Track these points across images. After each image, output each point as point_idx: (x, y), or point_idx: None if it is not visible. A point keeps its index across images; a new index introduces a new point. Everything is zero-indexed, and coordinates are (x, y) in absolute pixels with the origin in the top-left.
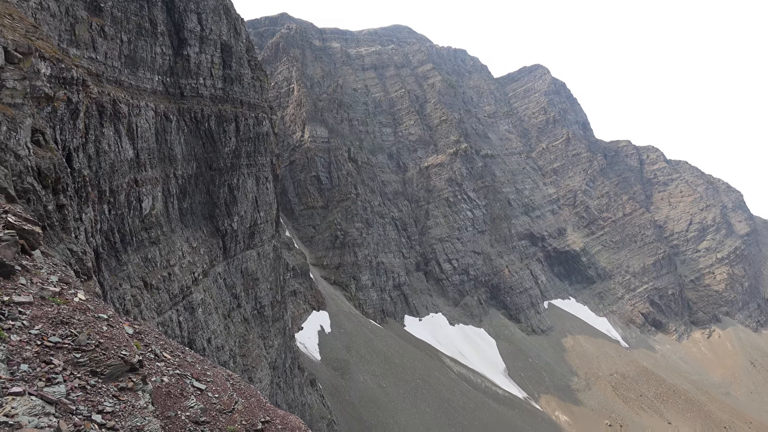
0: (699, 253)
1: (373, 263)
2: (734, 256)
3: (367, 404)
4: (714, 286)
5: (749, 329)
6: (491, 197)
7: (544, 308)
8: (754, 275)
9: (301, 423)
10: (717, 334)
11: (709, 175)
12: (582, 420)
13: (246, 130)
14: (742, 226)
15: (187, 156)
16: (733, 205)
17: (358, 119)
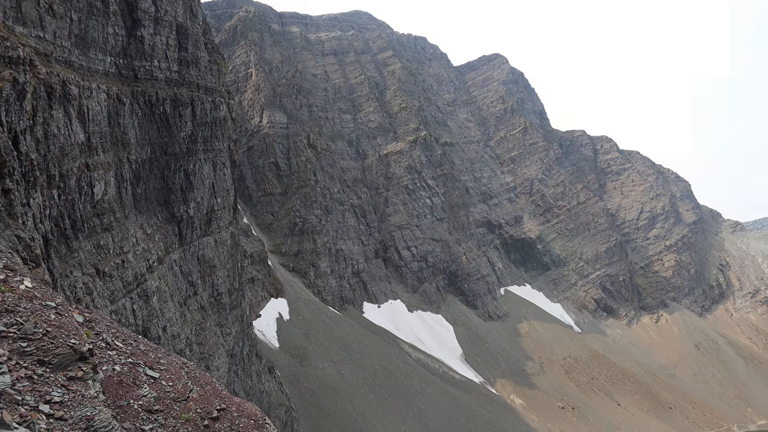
0: (649, 240)
1: (332, 250)
2: (682, 244)
3: (325, 391)
4: (662, 273)
5: (695, 314)
6: (450, 185)
7: (501, 295)
8: (699, 262)
9: (258, 410)
10: (664, 319)
11: (660, 165)
12: (536, 403)
13: (203, 115)
14: (689, 215)
15: (141, 140)
16: (681, 195)
17: (317, 105)
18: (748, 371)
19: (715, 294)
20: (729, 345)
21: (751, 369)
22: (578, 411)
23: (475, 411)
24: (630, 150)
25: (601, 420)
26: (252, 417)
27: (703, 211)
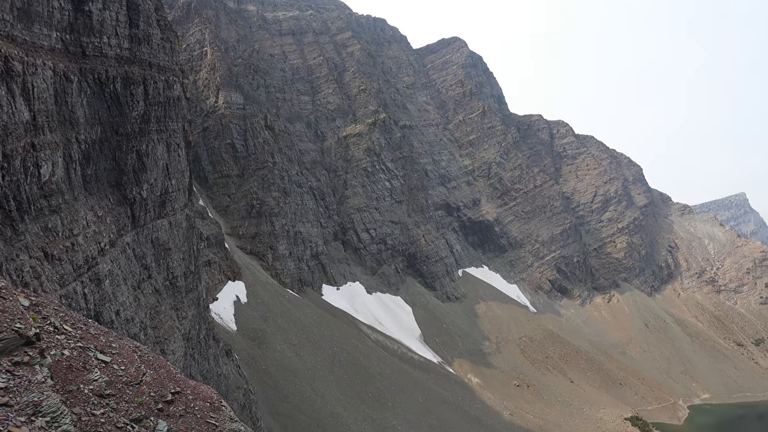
0: (602, 223)
1: (290, 233)
2: (633, 226)
3: (284, 373)
4: (615, 254)
5: (644, 294)
6: (409, 168)
7: (459, 276)
8: (650, 244)
9: (214, 392)
10: (616, 299)
11: (613, 150)
12: (492, 381)
13: (155, 94)
14: (640, 198)
15: (91, 120)
16: (634, 179)
17: (275, 86)
18: (693, 348)
19: (664, 274)
20: (676, 323)
21: (697, 346)
22: (533, 388)
23: (433, 390)
24: (585, 134)
25: (555, 397)
26: (208, 400)
27: (653, 194)
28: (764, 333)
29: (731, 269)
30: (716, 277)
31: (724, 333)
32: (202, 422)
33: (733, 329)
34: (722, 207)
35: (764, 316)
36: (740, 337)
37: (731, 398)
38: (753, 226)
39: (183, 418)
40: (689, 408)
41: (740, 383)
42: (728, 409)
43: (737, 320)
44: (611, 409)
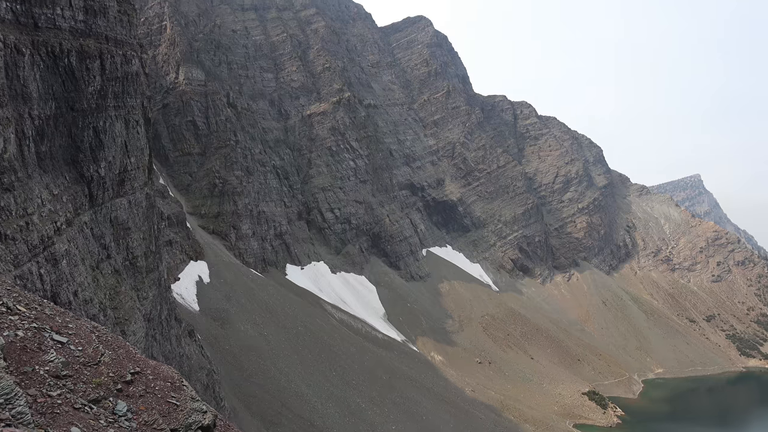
0: (563, 203)
1: (253, 212)
2: (593, 207)
3: (247, 353)
4: (575, 234)
5: (603, 272)
6: (373, 147)
7: (423, 256)
8: (609, 224)
9: (174, 372)
10: (575, 278)
11: (575, 131)
12: (455, 359)
13: (113, 69)
14: (600, 179)
15: (45, 95)
16: (594, 160)
17: (237, 63)
18: (648, 324)
19: (621, 254)
20: (633, 301)
21: (651, 322)
22: (494, 365)
23: (397, 368)
24: (548, 116)
25: (516, 373)
26: (168, 379)
27: (613, 175)
28: (715, 310)
29: (685, 248)
30: (671, 256)
31: (677, 310)
32: (162, 402)
33: (686, 306)
34: (678, 188)
35: (715, 294)
36: (693, 313)
37: (683, 372)
38: (707, 207)
39: (143, 399)
40: (643, 382)
41: (692, 358)
42: (680, 382)
43: (690, 298)
44: (569, 384)
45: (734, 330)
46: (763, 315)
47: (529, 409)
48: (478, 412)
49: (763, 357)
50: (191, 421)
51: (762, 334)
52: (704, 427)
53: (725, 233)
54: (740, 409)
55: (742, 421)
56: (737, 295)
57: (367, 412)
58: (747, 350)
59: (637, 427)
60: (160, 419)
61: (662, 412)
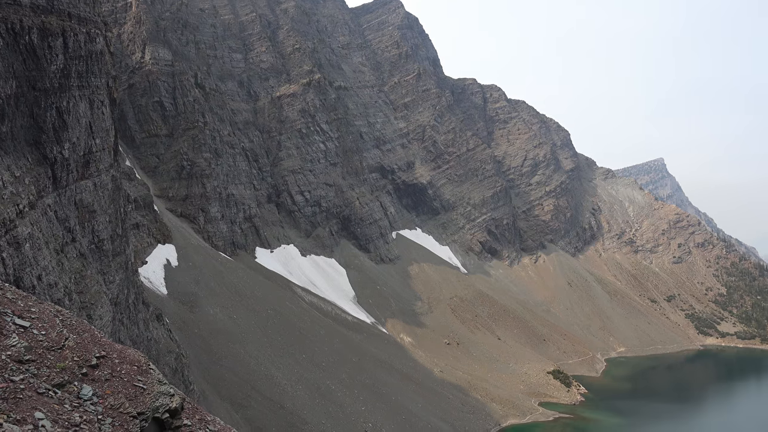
0: (531, 186)
1: (222, 195)
2: (560, 190)
3: (217, 336)
4: (542, 217)
5: (568, 254)
6: (344, 130)
7: (393, 238)
8: (575, 206)
9: (141, 356)
10: (542, 259)
11: (543, 115)
12: (424, 340)
13: (76, 47)
14: (567, 163)
15: (5, 73)
16: (562, 143)
17: (205, 42)
18: (611, 305)
19: (587, 236)
20: (597, 282)
21: (615, 303)
22: (462, 346)
23: (366, 350)
24: (517, 99)
25: (483, 353)
26: (135, 363)
27: (580, 159)
28: (675, 290)
29: (648, 230)
30: (634, 238)
31: (639, 290)
32: (129, 385)
33: (648, 287)
34: (642, 171)
35: (676, 274)
36: (654, 294)
37: (644, 351)
38: (669, 190)
39: (109, 382)
40: (606, 361)
41: (652, 337)
42: (641, 360)
43: (652, 278)
44: (535, 364)
45: (693, 309)
46: (721, 295)
47: (496, 388)
48: (447, 392)
49: (719, 335)
50: (158, 404)
51: (719, 313)
52: (663, 403)
53: (686, 216)
54: (697, 386)
55: (699, 397)
56: (697, 275)
57: (336, 393)
58: (705, 329)
59: (600, 404)
60: (127, 403)
61: (623, 389)
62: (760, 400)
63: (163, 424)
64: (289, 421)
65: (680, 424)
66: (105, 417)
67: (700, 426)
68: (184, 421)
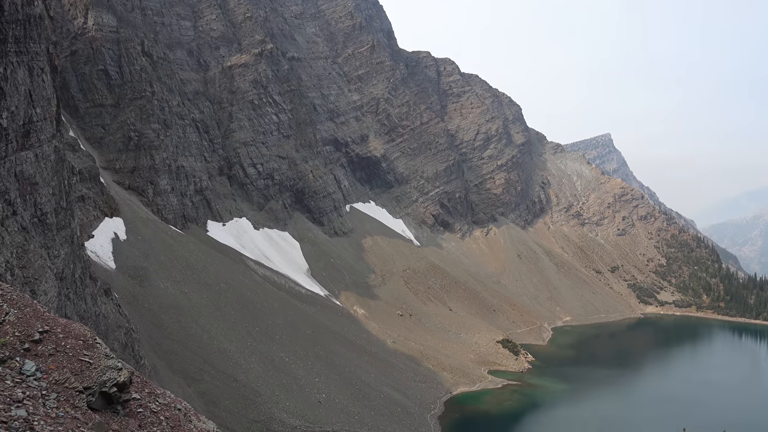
0: (483, 160)
1: (172, 167)
2: (511, 164)
3: (168, 310)
4: (493, 190)
5: (518, 227)
6: (297, 102)
7: (346, 211)
8: (525, 180)
9: (87, 330)
10: (493, 232)
11: (495, 89)
12: (377, 312)
13: (12, 11)
14: (519, 137)
15: None
16: (513, 118)
17: (152, 9)
18: (558, 276)
19: (536, 209)
20: (545, 254)
21: (561, 274)
22: (415, 317)
23: (320, 322)
24: (470, 73)
25: (435, 324)
26: (80, 337)
27: (531, 133)
28: (619, 261)
29: (594, 204)
30: (581, 211)
31: (585, 262)
32: (74, 360)
33: (593, 258)
34: (590, 146)
35: (620, 246)
36: (599, 265)
37: (588, 320)
38: (615, 165)
39: (53, 357)
40: (553, 330)
41: (596, 306)
42: (585, 329)
43: (597, 250)
44: (485, 334)
45: (635, 280)
46: (661, 266)
47: (447, 357)
48: (399, 363)
49: (659, 304)
50: (105, 378)
51: (659, 283)
52: (605, 370)
53: (631, 190)
54: (637, 352)
55: (638, 362)
56: (639, 247)
57: (290, 365)
58: (645, 298)
59: (546, 371)
60: (72, 378)
61: (569, 357)
62: (694, 365)
63: (111, 398)
64: (242, 393)
65: (620, 389)
66: (49, 392)
67: (639, 390)
68: (133, 395)
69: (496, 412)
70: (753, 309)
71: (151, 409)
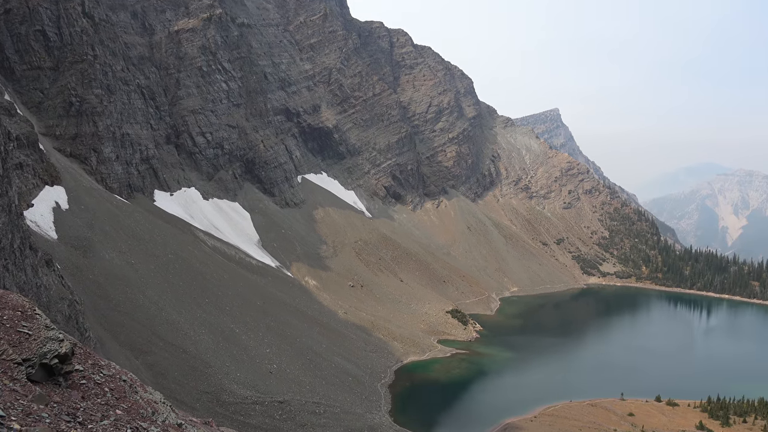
0: (435, 133)
1: (116, 134)
2: (462, 137)
3: (114, 282)
4: (445, 163)
5: (468, 199)
6: (247, 69)
7: (298, 182)
8: (476, 153)
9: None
10: (444, 204)
11: (448, 62)
12: (329, 283)
13: None
14: (470, 110)
15: None
16: (465, 91)
17: None
18: (507, 248)
19: (486, 182)
20: (494, 226)
21: (510, 246)
22: (366, 288)
23: (271, 293)
24: (423, 45)
25: (386, 295)
26: (18, 308)
27: (482, 107)
28: (565, 233)
29: (542, 177)
30: (530, 185)
31: (532, 234)
32: (12, 332)
33: (540, 230)
34: (539, 121)
35: (566, 219)
36: (545, 237)
37: (534, 290)
38: (563, 139)
39: None
40: (500, 300)
41: (542, 277)
42: (531, 299)
43: (544, 223)
44: (435, 304)
45: (579, 251)
46: (604, 238)
47: (398, 328)
48: (350, 333)
49: (601, 275)
50: (46, 350)
51: (602, 254)
52: (550, 338)
53: (577, 164)
54: (580, 321)
55: (581, 330)
56: (584, 220)
57: (241, 336)
58: (588, 269)
59: (493, 340)
60: (10, 349)
61: (515, 326)
62: (632, 333)
63: (52, 370)
64: (192, 365)
65: (564, 356)
66: None
67: (581, 357)
68: (75, 367)
69: (445, 379)
70: (688, 279)
71: (95, 380)
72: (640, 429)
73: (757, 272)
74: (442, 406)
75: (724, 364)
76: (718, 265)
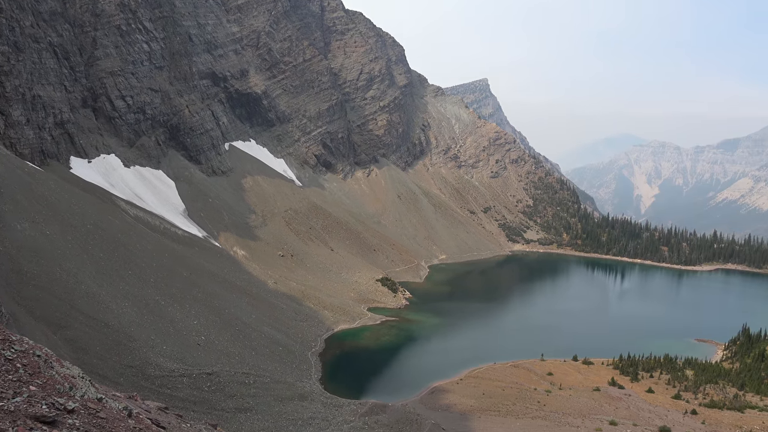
0: (366, 101)
1: (27, 96)
2: (393, 105)
3: (27, 254)
4: (376, 131)
5: (399, 168)
6: (171, 30)
7: (225, 150)
8: (407, 122)
9: None
10: (375, 173)
11: (380, 29)
12: (258, 253)
13: None
14: (401, 78)
15: None
16: (396, 59)
17: None
18: (436, 216)
19: (416, 151)
20: (424, 195)
21: (439, 214)
22: (296, 258)
23: (198, 264)
24: (354, 10)
25: (317, 264)
26: None
27: (413, 75)
28: (492, 202)
29: (471, 147)
30: (459, 154)
31: (461, 203)
32: None
33: (468, 199)
34: (468, 90)
35: (493, 188)
36: (473, 206)
37: (462, 258)
38: (491, 109)
39: None
40: (429, 267)
41: (470, 245)
42: (459, 266)
43: (472, 192)
44: (366, 272)
45: (505, 219)
46: (528, 206)
47: (328, 296)
48: (280, 303)
49: (525, 242)
50: None
51: (526, 222)
52: (476, 303)
53: (504, 134)
54: (505, 286)
55: (506, 295)
56: (510, 189)
57: (167, 308)
58: (513, 237)
59: (422, 306)
60: None
61: (443, 292)
62: (553, 296)
63: None
64: (115, 339)
65: (489, 321)
66: None
67: (506, 321)
68: None
69: (374, 346)
70: (605, 245)
71: (5, 356)
72: (558, 387)
73: (666, 238)
74: (372, 373)
75: (635, 323)
76: (632, 231)
